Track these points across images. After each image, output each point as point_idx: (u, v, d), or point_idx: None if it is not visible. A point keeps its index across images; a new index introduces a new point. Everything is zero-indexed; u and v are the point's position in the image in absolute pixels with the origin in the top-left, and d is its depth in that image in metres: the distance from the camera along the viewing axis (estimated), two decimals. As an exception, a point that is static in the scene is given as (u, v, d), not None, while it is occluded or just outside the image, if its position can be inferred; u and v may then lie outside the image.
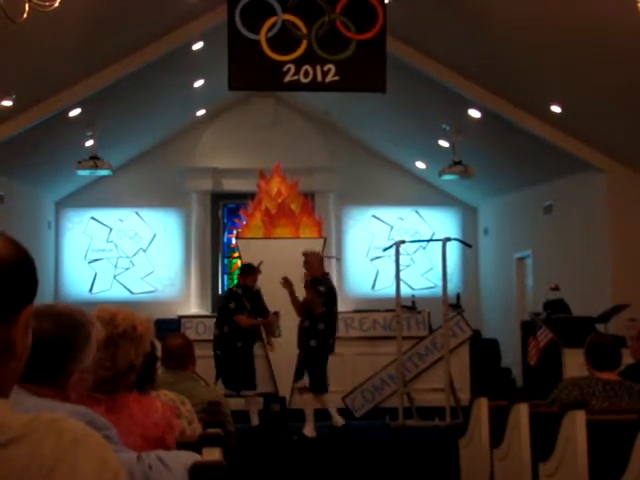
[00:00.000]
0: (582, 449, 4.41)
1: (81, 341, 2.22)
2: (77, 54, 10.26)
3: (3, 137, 10.97)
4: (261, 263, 10.22)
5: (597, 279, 12.38)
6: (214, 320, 10.14)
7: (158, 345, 4.05)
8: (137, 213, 15.65)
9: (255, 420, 9.76)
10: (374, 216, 16.13)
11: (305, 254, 9.76)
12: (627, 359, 5.62)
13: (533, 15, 9.66)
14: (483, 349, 13.36)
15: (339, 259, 14.45)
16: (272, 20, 9.65)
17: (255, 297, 9.95)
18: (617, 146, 11.80)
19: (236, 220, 13.31)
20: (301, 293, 9.69)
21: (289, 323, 10.94)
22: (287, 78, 9.68)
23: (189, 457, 2.65)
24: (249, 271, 10.00)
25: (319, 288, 9.36)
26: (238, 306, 9.68)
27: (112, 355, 2.85)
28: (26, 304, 1.17)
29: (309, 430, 9.32)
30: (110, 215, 15.55)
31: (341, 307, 14.49)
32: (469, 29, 10.52)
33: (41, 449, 1.09)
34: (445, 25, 10.70)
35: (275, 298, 10.98)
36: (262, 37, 9.61)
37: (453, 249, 14.46)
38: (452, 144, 12.79)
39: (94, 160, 12.29)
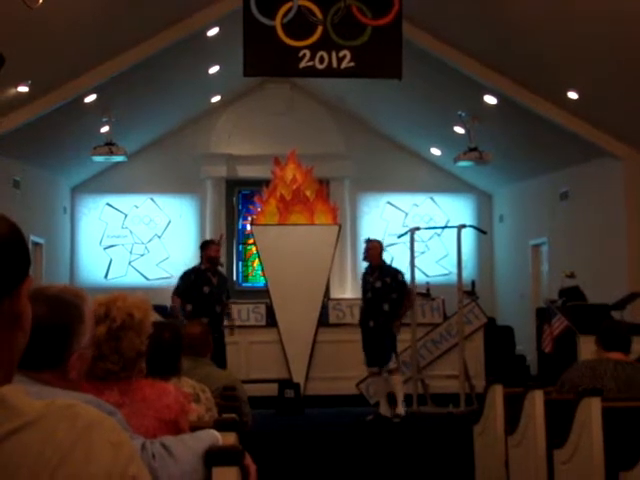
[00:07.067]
0: (597, 436, 4.40)
1: (76, 322, 2.16)
2: (92, 40, 10.27)
3: (19, 123, 11.01)
4: (221, 236, 11.19)
5: (613, 266, 12.33)
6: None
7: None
8: (152, 199, 15.68)
9: None
10: (389, 203, 16.10)
11: (368, 241, 9.97)
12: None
13: (550, 1, 9.59)
14: (498, 336, 13.33)
15: None
16: (288, 5, 9.61)
17: (220, 274, 9.81)
18: (634, 133, 11.72)
19: (251, 207, 13.32)
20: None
21: (300, 310, 10.97)
22: (302, 64, 9.65)
23: (206, 440, 2.65)
24: (205, 244, 9.88)
25: (398, 277, 9.70)
26: (199, 280, 9.48)
27: (117, 348, 2.84)
28: (26, 276, 1.19)
29: (400, 409, 9.59)
30: (125, 201, 15.59)
31: (356, 294, 14.55)
32: (485, 14, 10.46)
33: (55, 434, 1.09)
34: (461, 11, 10.64)
35: (286, 284, 11.02)
36: (277, 23, 9.58)
37: (468, 236, 14.41)
38: (468, 130, 12.74)
39: (109, 146, 12.32)
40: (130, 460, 1.13)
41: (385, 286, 9.54)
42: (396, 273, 9.76)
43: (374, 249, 9.78)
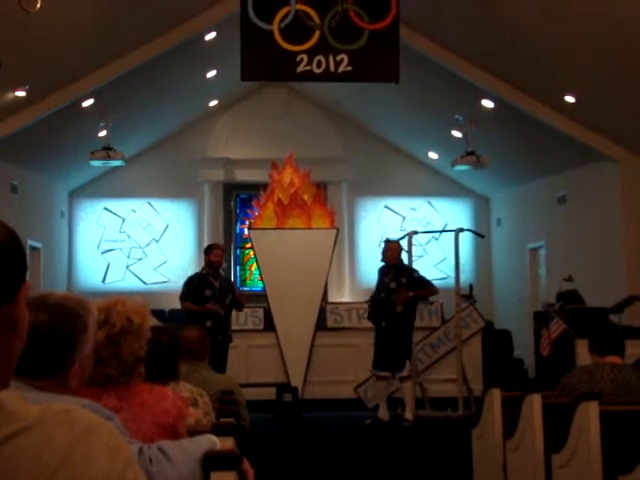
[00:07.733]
0: (595, 440, 4.40)
1: (79, 331, 2.15)
2: (90, 45, 10.28)
3: (17, 127, 11.01)
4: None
5: (611, 270, 12.33)
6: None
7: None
8: (150, 204, 15.68)
9: None
10: (386, 207, 16.11)
11: (387, 242, 9.94)
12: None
13: (547, 4, 9.61)
14: (496, 340, 13.33)
15: None
16: (285, 10, 9.62)
17: (222, 278, 9.75)
18: (631, 136, 11.73)
19: (248, 211, 13.31)
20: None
21: (298, 314, 10.96)
22: (300, 68, 9.65)
23: (204, 444, 2.65)
24: (208, 249, 9.81)
25: (414, 275, 9.70)
26: (201, 284, 9.44)
27: (116, 353, 2.84)
28: (23, 281, 1.19)
29: (410, 414, 9.52)
30: (123, 205, 15.59)
31: (354, 297, 14.56)
32: (483, 18, 10.47)
33: (53, 439, 1.09)
34: (458, 14, 10.65)
35: (284, 288, 11.01)
36: (275, 27, 9.59)
37: (466, 240, 14.42)
38: (465, 134, 12.75)
39: (107, 151, 12.32)
40: (128, 464, 1.13)
41: (400, 286, 9.46)
42: (411, 272, 9.75)
43: (392, 250, 9.73)
